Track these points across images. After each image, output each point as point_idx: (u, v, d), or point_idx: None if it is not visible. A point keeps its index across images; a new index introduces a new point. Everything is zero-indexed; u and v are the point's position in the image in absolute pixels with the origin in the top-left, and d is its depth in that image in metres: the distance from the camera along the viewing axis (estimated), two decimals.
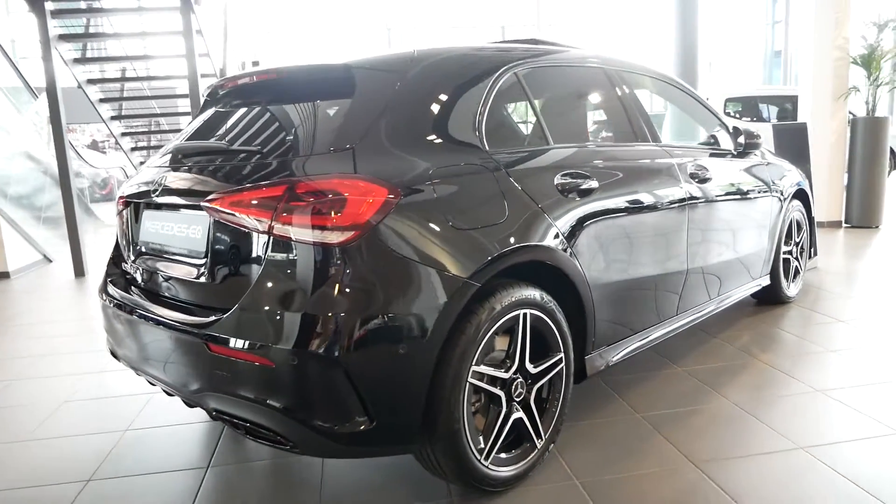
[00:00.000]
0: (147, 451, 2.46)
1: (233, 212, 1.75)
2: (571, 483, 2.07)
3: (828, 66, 6.45)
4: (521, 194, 2.03)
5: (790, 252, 3.93)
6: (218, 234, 1.86)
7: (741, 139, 3.31)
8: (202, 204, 1.84)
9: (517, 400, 2.01)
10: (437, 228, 1.79)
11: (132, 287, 2.30)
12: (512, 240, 1.94)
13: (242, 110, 2.25)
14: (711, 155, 3.18)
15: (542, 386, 2.11)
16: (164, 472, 2.29)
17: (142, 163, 8.54)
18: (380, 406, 1.69)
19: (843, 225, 6.73)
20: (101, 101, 7.16)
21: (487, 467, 1.93)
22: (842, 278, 4.63)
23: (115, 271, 2.46)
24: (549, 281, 2.12)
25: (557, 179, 2.18)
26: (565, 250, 2.13)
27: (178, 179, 2.07)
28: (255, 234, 1.74)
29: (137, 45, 7.39)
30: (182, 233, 2.02)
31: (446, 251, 1.79)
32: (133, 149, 8.09)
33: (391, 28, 25.19)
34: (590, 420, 2.51)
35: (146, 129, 8.63)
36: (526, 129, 2.26)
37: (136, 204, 2.31)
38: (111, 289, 2.35)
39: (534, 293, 2.01)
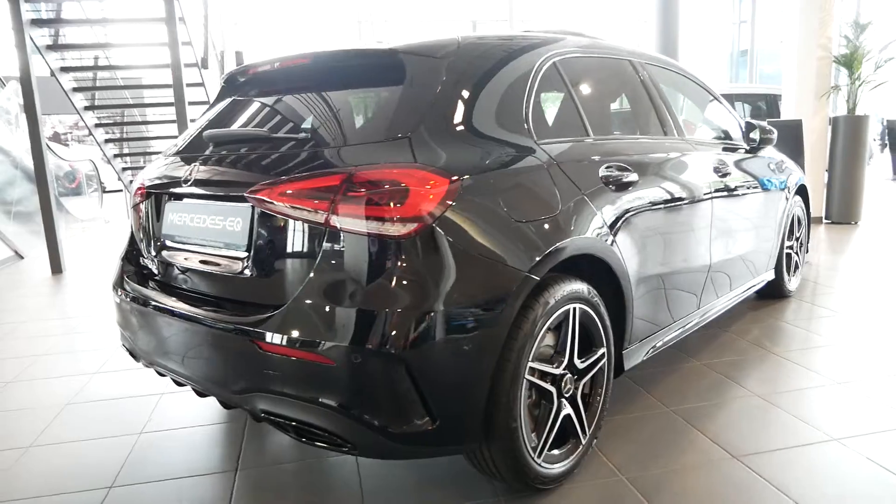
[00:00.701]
0: (167, 455, 2.35)
1: (284, 203, 1.67)
2: (618, 479, 2.04)
3: (811, 65, 6.59)
4: (571, 186, 1.99)
5: (791, 247, 3.99)
6: (262, 227, 1.77)
7: (755, 134, 3.33)
8: (246, 195, 1.75)
9: (566, 396, 1.97)
10: (497, 221, 1.74)
11: (154, 283, 2.19)
12: (566, 233, 1.90)
13: (273, 97, 2.15)
14: (726, 149, 3.20)
15: (586, 381, 2.08)
16: (191, 477, 2.18)
17: (117, 155, 8.25)
18: (443, 405, 1.63)
19: (824, 221, 6.89)
20: (75, 90, 6.87)
21: (540, 465, 1.89)
22: (833, 272, 4.73)
23: (132, 266, 2.34)
24: (593, 275, 2.09)
25: (602, 171, 2.15)
26: (610, 244, 2.11)
27: (213, 169, 1.97)
28: (307, 226, 1.66)
29: (114, 32, 7.11)
30: (217, 225, 1.92)
31: (506, 244, 1.73)
32: (107, 140, 7.79)
33: (361, 21, 24.96)
34: (623, 415, 2.49)
35: (122, 121, 8.32)
36: (567, 120, 2.22)
37: (158, 196, 2.20)
38: (129, 285, 2.23)
39: (582, 287, 1.98)
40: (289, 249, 1.71)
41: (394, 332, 1.55)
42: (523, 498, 1.95)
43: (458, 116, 1.83)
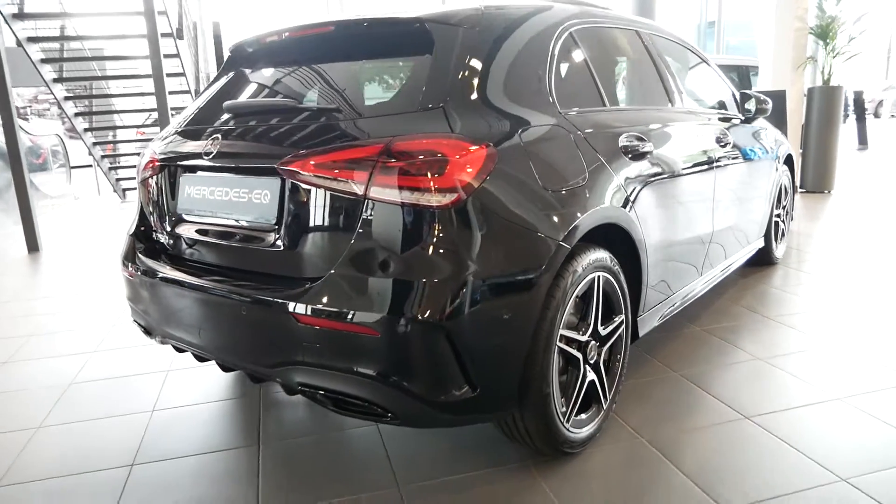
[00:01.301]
0: (185, 432, 2.33)
1: (320, 174, 1.65)
2: (639, 441, 2.11)
3: (788, 36, 6.70)
4: (595, 156, 2.01)
5: (779, 215, 4.10)
6: (294, 199, 1.74)
7: (750, 104, 3.39)
8: (277, 167, 1.72)
9: (590, 362, 2.01)
10: (530, 190, 1.75)
11: (172, 258, 2.15)
12: (593, 202, 1.92)
13: (289, 68, 2.10)
14: (723, 119, 3.25)
15: (607, 348, 2.12)
16: (214, 452, 2.18)
17: (88, 129, 7.97)
18: (483, 373, 1.65)
19: (799, 190, 7.07)
20: (43, 61, 6.59)
21: (569, 430, 1.93)
22: (813, 240, 4.88)
23: (143, 242, 2.28)
24: (612, 243, 2.12)
25: (622, 141, 2.17)
26: (629, 212, 2.14)
27: (237, 141, 1.92)
28: (343, 198, 1.64)
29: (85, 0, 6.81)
30: (241, 198, 1.89)
31: (540, 213, 1.75)
32: (77, 114, 7.51)
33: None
34: (633, 380, 2.55)
35: (92, 93, 8.02)
36: (585, 90, 2.22)
37: (173, 169, 2.15)
38: (144, 260, 2.19)
39: (605, 256, 2.01)
40: (323, 221, 1.69)
41: (437, 302, 1.55)
42: (550, 462, 2.00)
43: (488, 86, 1.82)
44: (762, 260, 4.06)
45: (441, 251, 1.58)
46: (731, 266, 3.39)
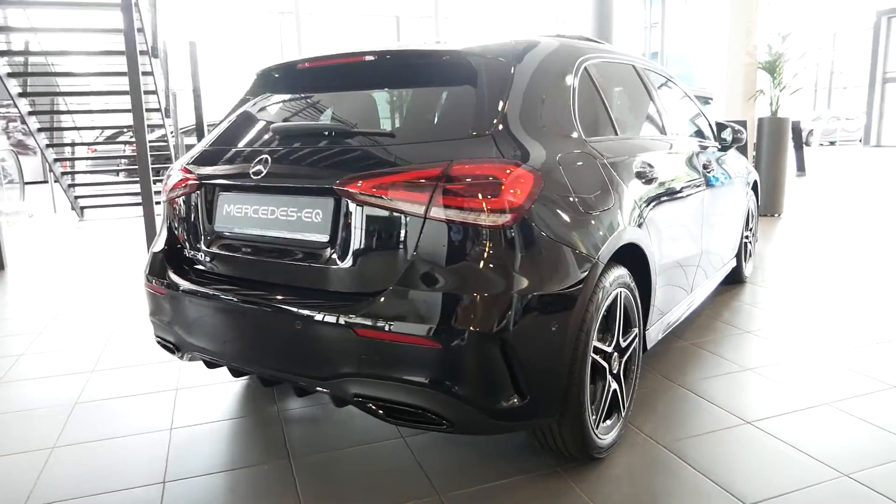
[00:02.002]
0: (210, 448, 2.34)
1: (380, 195, 1.74)
2: (656, 446, 2.25)
3: (739, 70, 7.18)
4: (618, 181, 2.17)
5: (747, 237, 4.40)
6: (350, 218, 1.82)
7: (726, 134, 3.66)
8: (335, 187, 1.81)
9: (613, 372, 2.15)
10: (570, 212, 1.89)
11: (208, 274, 2.18)
12: (620, 223, 2.08)
13: (330, 94, 2.19)
14: (703, 147, 3.50)
15: (625, 359, 2.27)
16: (246, 468, 2.20)
17: (49, 145, 7.72)
18: (532, 382, 1.76)
19: None
20: (10, 75, 6.39)
21: (598, 436, 2.06)
22: (774, 259, 5.22)
23: (173, 258, 2.30)
24: (629, 262, 2.28)
25: (636, 168, 2.35)
26: (643, 232, 2.31)
27: (288, 162, 1.99)
28: (403, 217, 1.74)
29: (57, 16, 6.65)
30: (290, 216, 1.95)
31: (579, 233, 1.89)
32: (40, 129, 7.27)
33: (284, 12, 24.38)
34: (638, 391, 2.70)
35: (56, 109, 7.77)
36: (600, 120, 2.39)
37: (210, 187, 2.19)
38: (175, 276, 2.21)
39: (625, 273, 2.16)
40: (381, 239, 1.78)
41: (494, 315, 1.66)
42: (578, 468, 2.12)
43: (527, 115, 1.96)
44: (733, 278, 4.33)
45: (496, 267, 1.69)
46: (715, 283, 3.62)
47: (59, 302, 4.45)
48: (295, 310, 1.85)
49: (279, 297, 1.92)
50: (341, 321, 1.75)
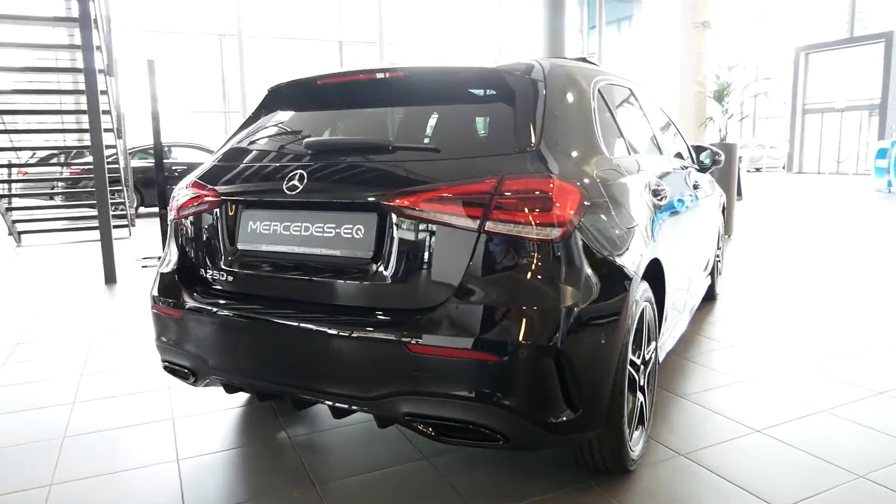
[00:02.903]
0: (227, 477, 2.23)
1: (432, 209, 1.73)
2: (678, 456, 2.30)
3: (691, 98, 7.55)
4: (640, 198, 2.24)
5: (717, 255, 4.59)
6: (398, 233, 1.80)
7: (705, 156, 3.83)
8: (382, 202, 1.78)
9: (640, 385, 2.19)
10: (612, 227, 1.93)
11: (230, 293, 2.09)
12: (649, 238, 2.14)
13: (359, 109, 2.17)
14: (685, 167, 3.65)
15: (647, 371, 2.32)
16: (269, 497, 2.10)
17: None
18: (584, 395, 1.77)
19: None
20: None
21: (631, 448, 2.09)
22: (735, 277, 5.46)
23: (188, 279, 2.21)
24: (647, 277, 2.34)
25: (651, 185, 2.42)
26: (659, 247, 2.38)
27: (326, 177, 1.95)
28: (455, 231, 1.73)
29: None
30: (328, 233, 1.91)
31: (621, 248, 1.93)
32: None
33: (224, 34, 24.08)
34: None
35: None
36: (614, 138, 2.46)
37: (231, 204, 2.12)
38: (193, 298, 2.12)
39: (647, 287, 2.22)
40: (432, 254, 1.76)
41: (551, 328, 1.67)
42: (611, 481, 2.13)
43: (563, 133, 2.00)
44: (707, 295, 4.50)
45: (550, 280, 1.71)
46: (700, 297, 3.75)
47: (17, 331, 4.16)
48: (338, 328, 1.80)
49: (319, 315, 1.87)
50: (393, 338, 1.71)
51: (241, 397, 2.88)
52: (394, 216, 1.80)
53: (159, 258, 6.97)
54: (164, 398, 2.95)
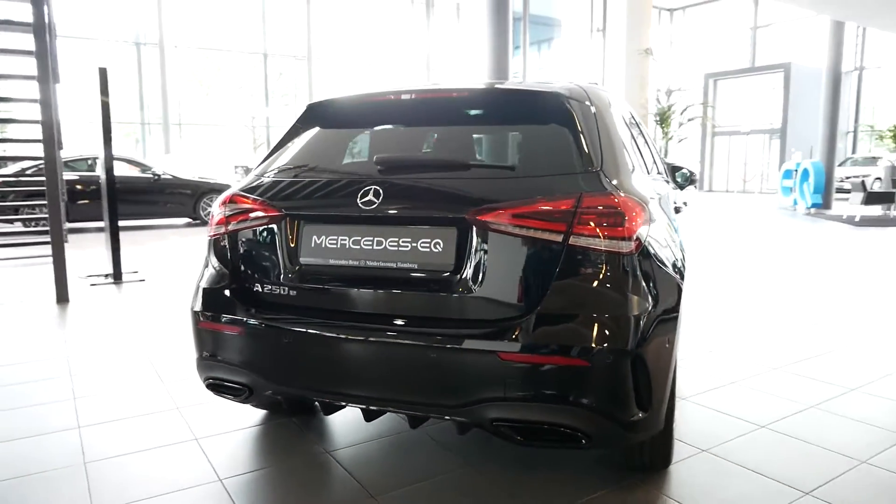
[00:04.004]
0: (279, 493, 2.22)
1: (519, 224, 1.83)
2: (703, 452, 2.49)
3: None
4: (673, 213, 2.43)
5: None
6: (481, 247, 1.88)
7: (679, 175, 4.12)
8: (467, 217, 1.87)
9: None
10: (666, 240, 2.10)
11: (295, 308, 2.10)
12: (683, 250, 2.33)
13: (418, 127, 2.25)
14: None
15: None
16: None
17: None
18: (654, 395, 1.92)
19: None
20: None
21: (671, 447, 2.25)
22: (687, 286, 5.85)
23: (241, 294, 2.19)
24: None
25: (675, 201, 2.63)
26: None
27: (406, 192, 2.01)
28: (539, 245, 1.84)
29: None
30: (405, 246, 1.97)
31: (673, 259, 2.10)
32: None
33: (143, 43, 23.17)
34: None
35: None
36: (638, 158, 2.64)
37: (291, 219, 2.13)
38: (251, 313, 2.11)
39: None
40: (518, 266, 1.86)
41: (634, 334, 1.81)
42: (653, 478, 2.28)
43: (617, 153, 2.14)
44: None
45: (628, 290, 1.85)
46: None
47: None
48: (425, 339, 1.86)
49: (399, 327, 1.92)
50: (484, 347, 1.80)
51: (258, 414, 2.84)
52: (476, 230, 1.88)
53: (107, 275, 6.64)
54: (176, 419, 2.86)
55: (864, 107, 25.50)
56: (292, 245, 2.13)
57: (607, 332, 1.79)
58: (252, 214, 2.20)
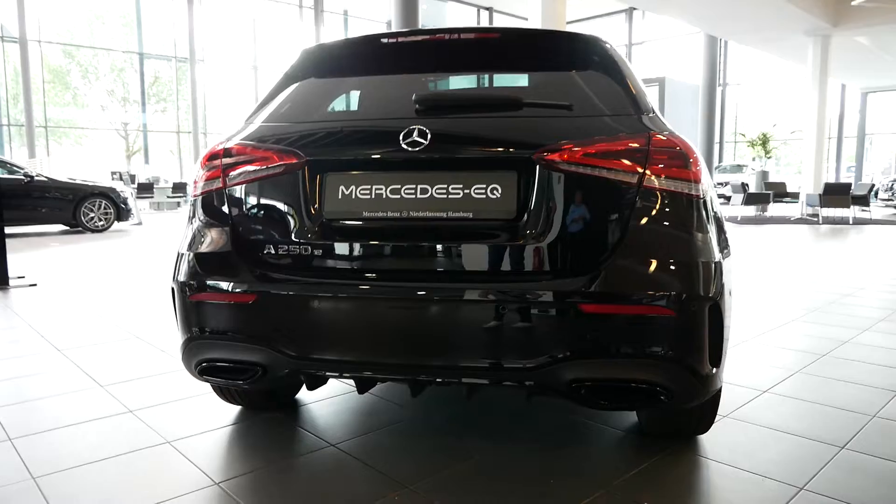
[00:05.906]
0: (307, 486, 1.89)
1: (592, 164, 1.67)
2: (725, 418, 2.44)
3: None
4: None
5: None
6: (549, 191, 1.70)
7: None
8: (535, 157, 1.68)
9: None
10: (712, 187, 2.01)
11: (323, 270, 1.80)
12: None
13: (448, 73, 2.03)
14: None
15: None
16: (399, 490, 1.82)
17: None
18: (722, 348, 1.81)
19: None
20: None
21: None
22: None
23: (249, 257, 1.85)
24: None
25: None
26: None
27: (458, 133, 1.77)
28: (612, 187, 1.68)
29: None
30: (456, 193, 1.73)
31: (719, 206, 2.02)
32: None
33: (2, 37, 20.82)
34: None
35: None
36: None
37: (314, 166, 1.83)
38: (271, 278, 1.79)
39: None
40: (592, 210, 1.69)
41: (714, 281, 1.70)
42: (689, 446, 2.18)
43: (649, 100, 2.03)
44: None
45: (707, 234, 1.74)
46: None
47: None
48: (492, 296, 1.64)
49: (458, 284, 1.68)
50: (562, 300, 1.61)
51: (234, 411, 2.46)
52: (540, 171, 1.69)
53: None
54: (133, 423, 2.40)
55: (728, 119, 27.93)
56: (313, 198, 1.83)
57: (692, 279, 1.67)
58: (259, 165, 1.87)
